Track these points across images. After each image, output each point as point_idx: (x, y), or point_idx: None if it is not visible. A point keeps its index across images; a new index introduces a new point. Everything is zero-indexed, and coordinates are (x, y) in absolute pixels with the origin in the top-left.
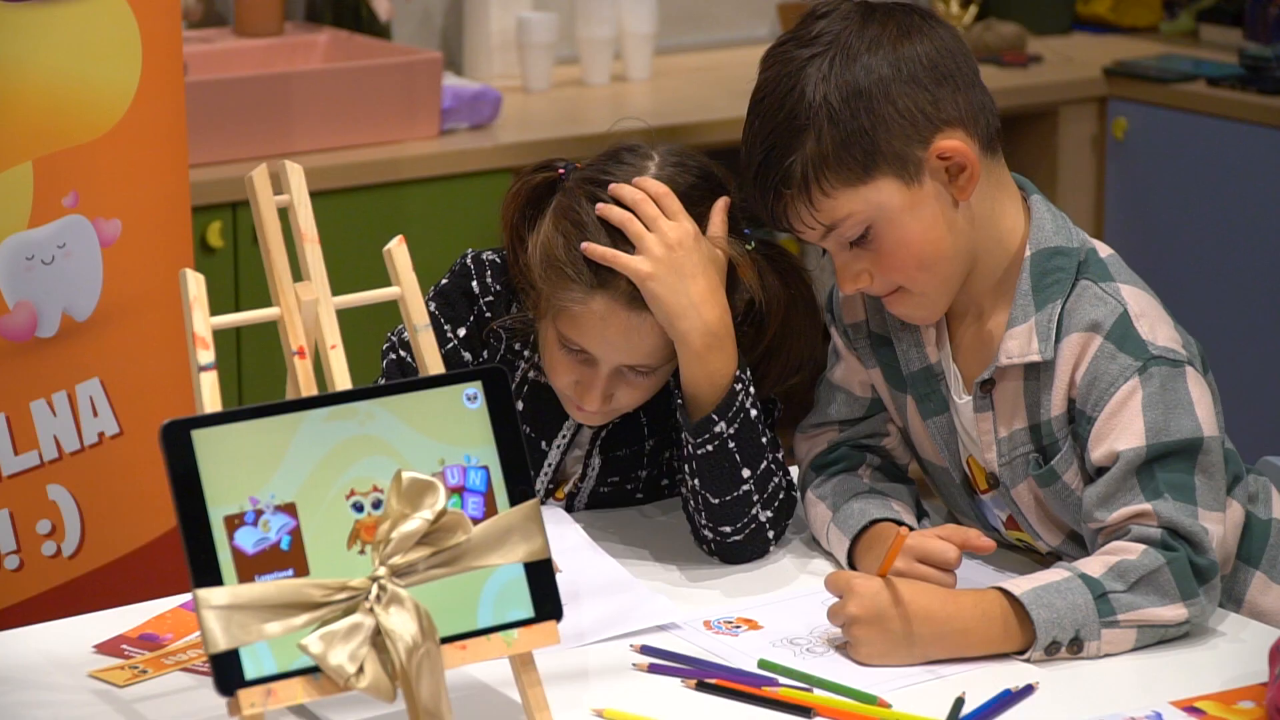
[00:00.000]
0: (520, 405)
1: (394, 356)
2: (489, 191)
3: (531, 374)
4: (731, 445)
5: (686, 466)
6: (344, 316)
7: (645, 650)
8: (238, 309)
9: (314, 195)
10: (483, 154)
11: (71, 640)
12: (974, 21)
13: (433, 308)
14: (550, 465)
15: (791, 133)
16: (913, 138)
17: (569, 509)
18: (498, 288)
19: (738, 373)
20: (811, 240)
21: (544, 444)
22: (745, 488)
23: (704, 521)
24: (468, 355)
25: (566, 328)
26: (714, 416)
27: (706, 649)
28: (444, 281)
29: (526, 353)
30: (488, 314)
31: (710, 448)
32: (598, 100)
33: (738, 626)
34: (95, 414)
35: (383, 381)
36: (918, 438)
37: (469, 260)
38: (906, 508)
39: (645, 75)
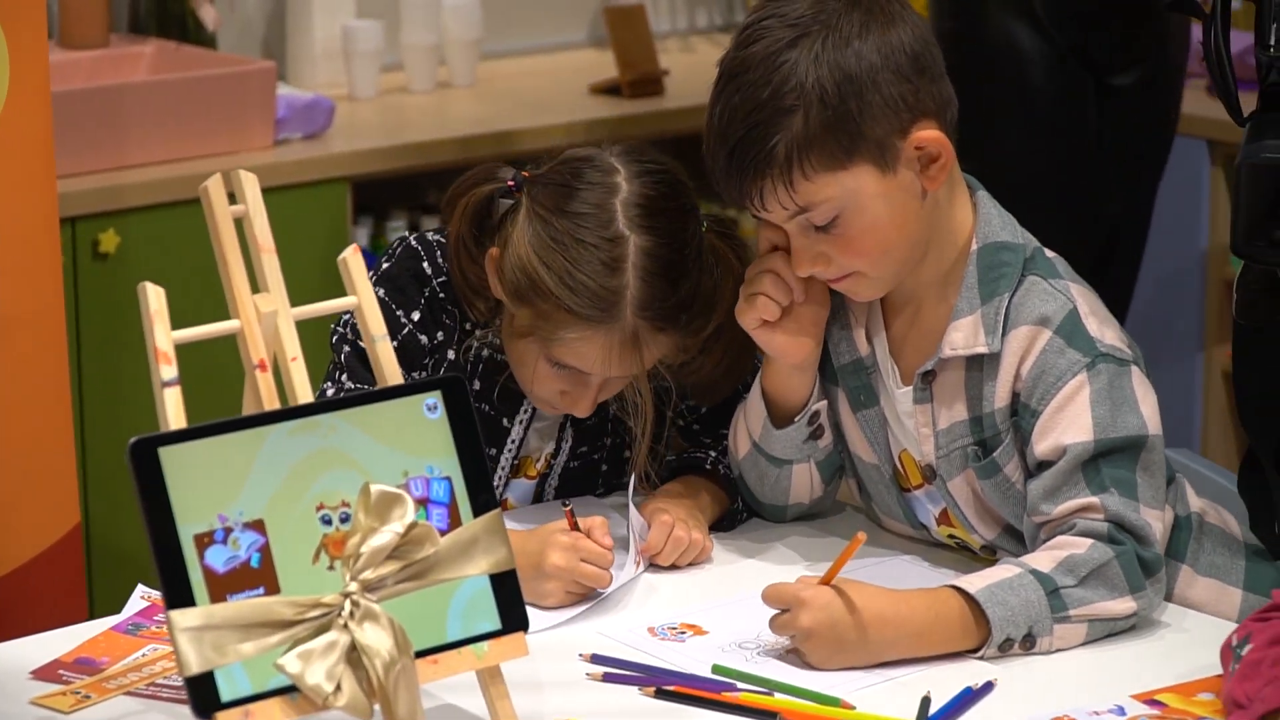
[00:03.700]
0: (477, 384)
1: (349, 349)
2: (327, 200)
3: (486, 352)
4: None
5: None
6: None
7: (596, 659)
8: (78, 327)
9: (150, 209)
10: (319, 163)
11: (4, 666)
12: None
13: (381, 293)
14: (514, 442)
15: (778, 112)
16: (894, 126)
17: (540, 489)
18: (449, 268)
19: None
20: (776, 221)
21: (505, 421)
22: None
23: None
24: (424, 339)
25: (564, 355)
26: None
27: (655, 656)
28: (387, 266)
29: (479, 331)
30: (441, 295)
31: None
32: (424, 107)
33: (683, 632)
34: None
35: (344, 376)
36: (849, 432)
37: (414, 242)
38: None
39: (469, 81)
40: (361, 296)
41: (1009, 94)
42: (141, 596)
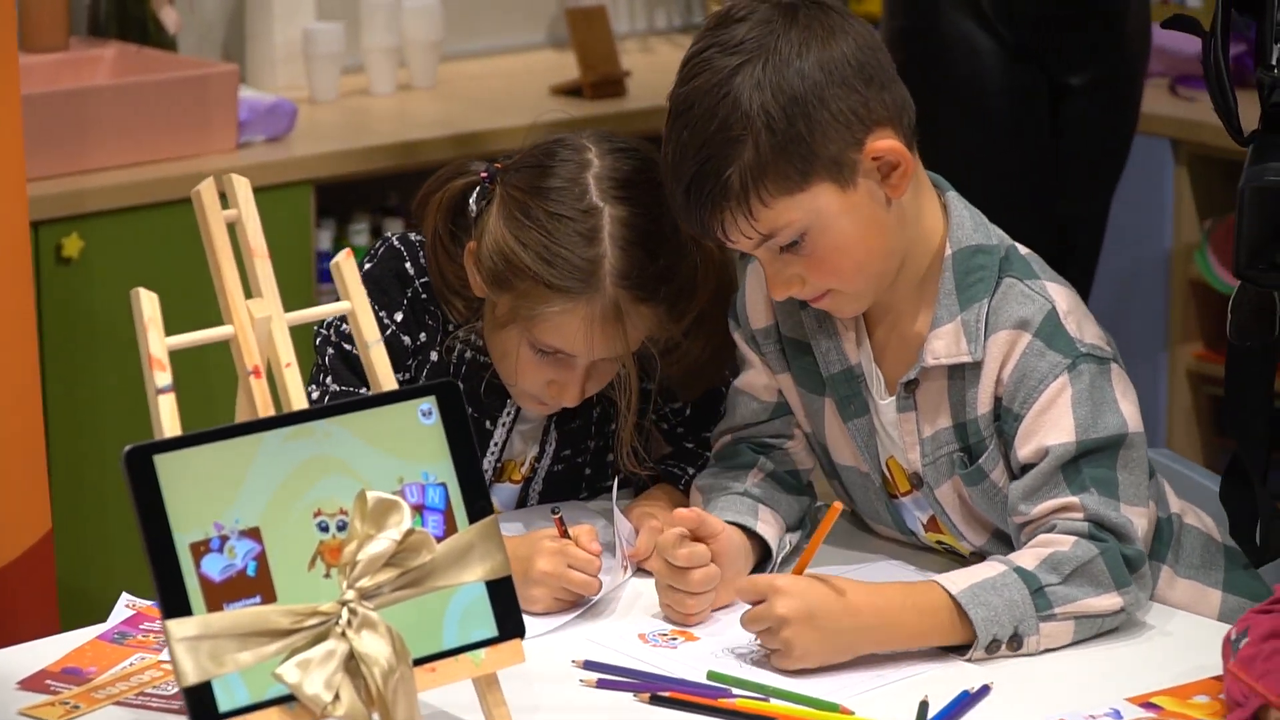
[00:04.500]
0: (460, 386)
1: (333, 351)
2: (289, 203)
3: (469, 353)
4: None
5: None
6: None
7: (589, 665)
8: (41, 332)
9: (113, 213)
10: (282, 166)
11: None
12: None
13: None
14: (497, 444)
15: (727, 143)
16: (847, 140)
17: (524, 493)
18: (428, 267)
19: None
20: (744, 249)
21: (488, 424)
22: None
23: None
24: (407, 339)
25: (547, 335)
26: None
27: (648, 662)
28: (370, 267)
29: (460, 332)
30: (423, 295)
31: None
32: (385, 110)
33: (674, 638)
34: None
35: (329, 379)
36: (834, 442)
37: (396, 242)
38: (775, 518)
39: (430, 83)
40: (355, 301)
41: (962, 92)
42: (127, 605)
